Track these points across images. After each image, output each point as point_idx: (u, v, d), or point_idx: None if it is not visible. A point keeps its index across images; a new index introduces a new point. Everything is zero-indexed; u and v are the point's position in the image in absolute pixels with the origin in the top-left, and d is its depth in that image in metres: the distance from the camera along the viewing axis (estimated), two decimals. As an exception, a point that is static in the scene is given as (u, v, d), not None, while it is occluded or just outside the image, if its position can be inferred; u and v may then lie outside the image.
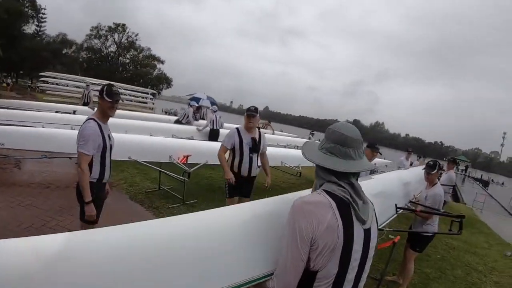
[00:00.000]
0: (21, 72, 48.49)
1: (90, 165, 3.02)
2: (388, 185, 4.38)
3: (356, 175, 1.51)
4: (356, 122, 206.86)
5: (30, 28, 48.07)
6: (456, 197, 23.29)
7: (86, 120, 3.08)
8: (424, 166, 4.71)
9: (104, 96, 3.03)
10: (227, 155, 4.60)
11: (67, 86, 23.39)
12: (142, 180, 7.07)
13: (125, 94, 22.50)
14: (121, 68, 57.94)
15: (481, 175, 54.43)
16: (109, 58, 57.48)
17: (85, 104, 12.87)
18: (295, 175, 9.05)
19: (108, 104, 3.05)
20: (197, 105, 15.06)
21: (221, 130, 10.86)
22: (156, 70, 58.87)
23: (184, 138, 8.18)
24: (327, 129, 1.57)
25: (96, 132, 3.00)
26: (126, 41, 57.72)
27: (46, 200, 5.26)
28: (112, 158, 3.31)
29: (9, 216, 4.56)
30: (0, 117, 7.16)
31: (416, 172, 6.56)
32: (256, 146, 4.51)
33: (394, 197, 4.17)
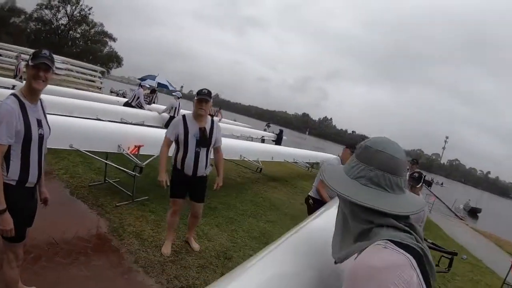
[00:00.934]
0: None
1: (7, 160, 2.19)
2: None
3: None
4: (305, 115, 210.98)
5: None
6: None
7: (7, 97, 2.22)
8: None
9: (29, 61, 2.19)
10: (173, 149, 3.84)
11: (9, 58, 21.53)
12: (86, 171, 6.16)
13: (71, 70, 21.05)
14: (71, 42, 55.03)
15: (424, 176, 56.57)
16: (59, 31, 54.11)
17: (15, 77, 11.76)
18: (255, 170, 8.55)
19: (32, 71, 2.18)
20: (148, 86, 14.08)
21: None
22: (107, 48, 56.68)
23: (134, 124, 7.47)
24: (365, 148, 1.05)
25: (12, 113, 2.12)
26: (78, 14, 54.73)
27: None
28: (49, 147, 2.51)
29: None
30: None
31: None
32: (205, 139, 3.70)
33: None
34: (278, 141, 18.15)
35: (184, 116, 3.73)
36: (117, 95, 21.94)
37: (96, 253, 3.66)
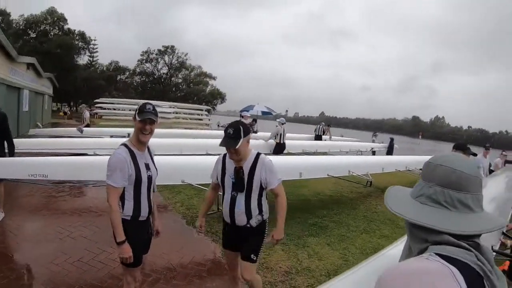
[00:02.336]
0: (80, 101, 51.54)
1: (122, 199, 2.57)
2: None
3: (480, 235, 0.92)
4: (415, 119, 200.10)
5: (83, 59, 51.74)
6: None
7: (119, 147, 2.61)
8: None
9: (136, 116, 2.54)
10: None
11: (123, 110, 23.94)
12: (200, 202, 6.55)
13: (179, 113, 22.57)
14: (174, 88, 59.29)
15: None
16: (162, 80, 58.99)
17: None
18: (365, 185, 8.25)
19: (138, 125, 2.54)
20: (248, 115, 14.38)
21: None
22: (209, 87, 59.93)
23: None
24: (427, 164, 1.01)
25: (124, 161, 2.50)
26: (176, 62, 59.17)
27: (97, 231, 4.89)
28: (164, 184, 2.76)
29: (57, 249, 4.27)
30: (49, 146, 6.98)
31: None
32: (240, 181, 2.85)
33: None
34: (389, 150, 17.35)
35: (225, 153, 2.98)
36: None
37: (210, 276, 3.92)
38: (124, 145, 2.59)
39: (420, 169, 11.05)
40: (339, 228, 5.87)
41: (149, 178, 2.67)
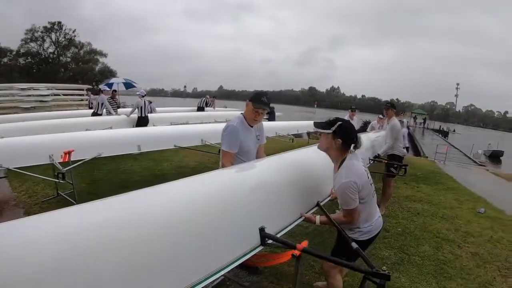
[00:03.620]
0: None
1: None
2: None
3: None
4: (311, 89, 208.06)
5: None
6: (416, 151, 23.37)
7: None
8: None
9: None
10: None
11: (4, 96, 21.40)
12: (44, 188, 5.94)
13: (58, 94, 20.78)
14: (63, 68, 54.69)
15: (440, 126, 55.43)
16: (50, 60, 53.99)
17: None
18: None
19: None
20: (108, 89, 13.52)
21: (151, 116, 10.09)
22: (100, 65, 56.14)
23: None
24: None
25: None
26: (64, 39, 54.47)
27: None
28: None
29: None
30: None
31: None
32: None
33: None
34: (271, 117, 17.58)
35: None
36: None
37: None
38: None
39: (293, 134, 11.20)
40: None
41: None
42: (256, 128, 3.32)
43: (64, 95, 21.53)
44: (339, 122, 2.56)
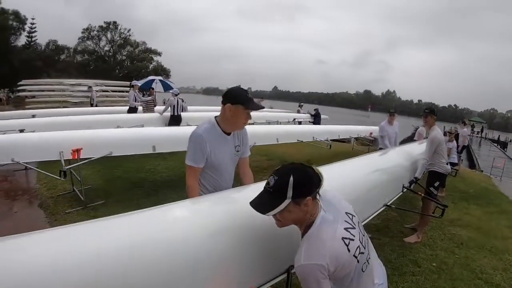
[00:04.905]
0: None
1: None
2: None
3: None
4: (367, 92, 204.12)
5: (21, 40, 48.47)
6: (472, 162, 21.28)
7: None
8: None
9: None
10: None
11: (52, 91, 22.67)
12: (64, 182, 6.20)
13: (107, 91, 21.74)
14: (118, 66, 57.00)
15: (499, 136, 51.57)
16: (106, 58, 56.52)
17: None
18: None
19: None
20: (138, 84, 13.74)
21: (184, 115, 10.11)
22: (154, 63, 57.89)
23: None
24: None
25: None
26: (119, 38, 56.88)
27: None
28: None
29: None
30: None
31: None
32: None
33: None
34: (316, 120, 17.17)
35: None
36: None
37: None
38: None
39: (332, 140, 10.00)
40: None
41: None
42: (235, 136, 2.67)
43: (112, 91, 22.52)
44: (289, 179, 1.53)
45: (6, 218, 4.90)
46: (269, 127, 9.68)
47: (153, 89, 13.95)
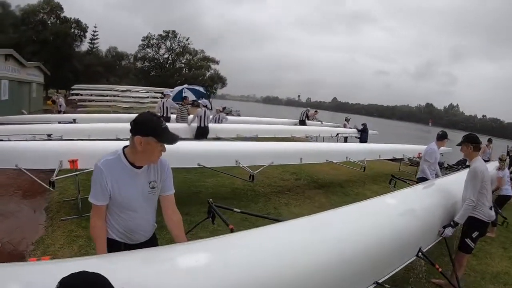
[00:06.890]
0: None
1: None
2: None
3: None
4: (428, 106, 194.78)
5: (84, 46, 52.32)
6: None
7: None
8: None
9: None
10: None
11: (106, 96, 23.84)
12: (75, 188, 6.44)
13: (156, 97, 22.54)
14: (177, 73, 59.19)
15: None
16: (166, 65, 59.05)
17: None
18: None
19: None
20: (170, 94, 13.61)
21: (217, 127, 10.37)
22: (211, 71, 59.64)
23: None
24: None
25: None
26: (177, 46, 59.21)
27: None
28: None
29: None
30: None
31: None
32: None
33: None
34: (362, 136, 15.72)
35: None
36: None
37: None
38: None
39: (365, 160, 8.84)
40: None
41: None
42: (150, 170, 2.22)
43: (153, 97, 23.35)
44: None
45: (9, 218, 5.08)
46: (293, 144, 9.20)
47: (186, 98, 14.08)
